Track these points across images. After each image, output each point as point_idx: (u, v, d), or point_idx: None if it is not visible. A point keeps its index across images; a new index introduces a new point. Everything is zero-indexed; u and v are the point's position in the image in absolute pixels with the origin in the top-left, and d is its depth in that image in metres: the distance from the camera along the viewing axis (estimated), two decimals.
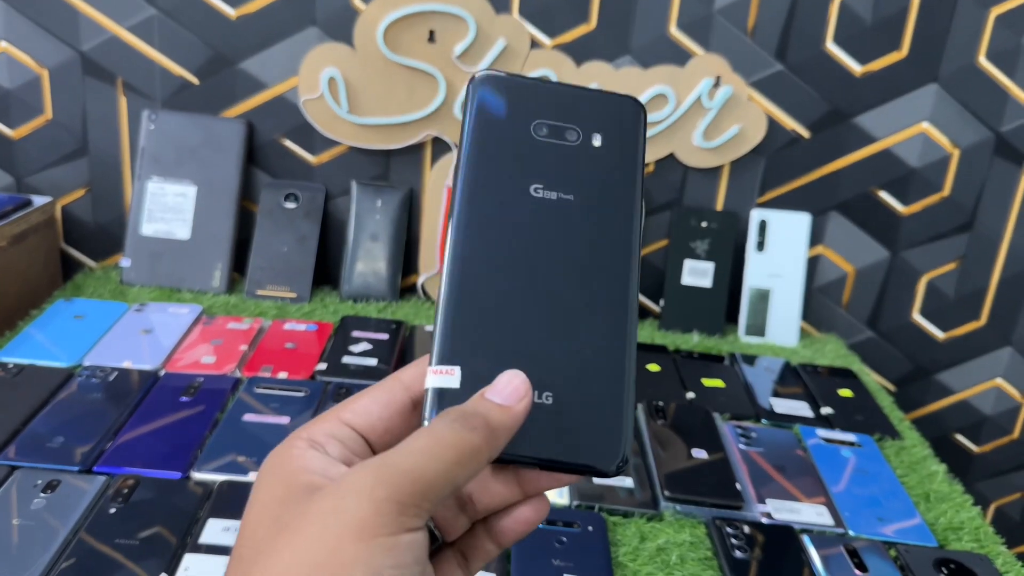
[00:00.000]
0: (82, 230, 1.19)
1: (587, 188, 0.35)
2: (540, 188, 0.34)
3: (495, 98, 0.35)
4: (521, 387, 0.31)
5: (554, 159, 0.35)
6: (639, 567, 0.71)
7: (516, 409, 0.31)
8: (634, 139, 0.36)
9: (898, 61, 1.12)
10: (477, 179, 0.34)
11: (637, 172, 0.36)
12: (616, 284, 0.34)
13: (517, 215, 0.34)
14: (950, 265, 1.21)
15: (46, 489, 0.71)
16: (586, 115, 0.36)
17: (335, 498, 0.27)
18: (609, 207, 0.35)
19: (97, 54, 1.11)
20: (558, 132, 0.35)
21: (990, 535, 0.80)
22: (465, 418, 0.29)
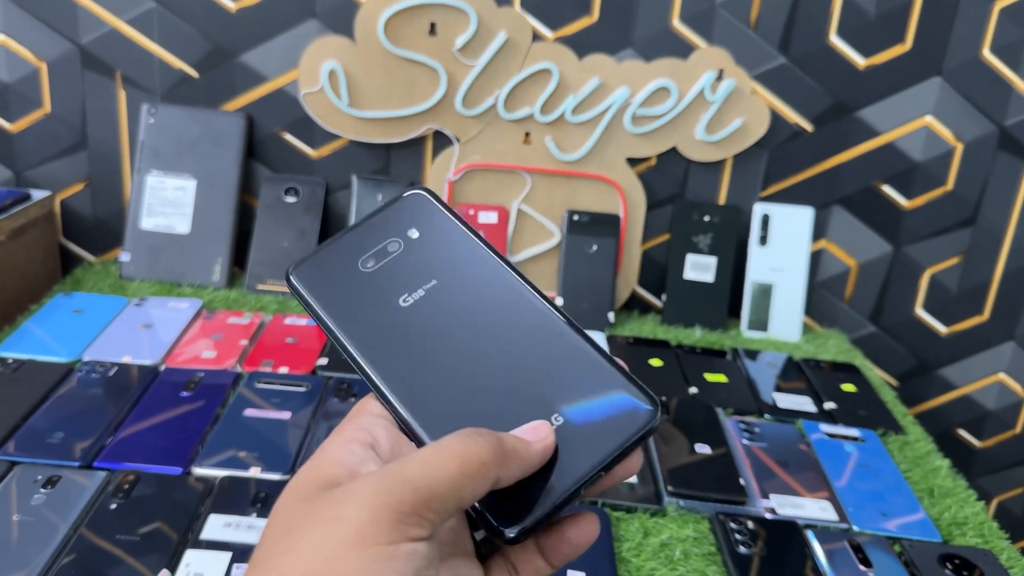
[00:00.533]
0: (81, 224, 1.18)
1: (437, 265, 0.37)
2: (407, 296, 0.37)
3: (317, 277, 0.38)
4: (542, 428, 0.31)
5: (397, 271, 0.37)
6: (642, 562, 0.71)
7: (535, 446, 0.30)
8: (439, 211, 0.39)
9: (902, 54, 1.11)
10: (357, 334, 0.36)
11: (461, 226, 0.38)
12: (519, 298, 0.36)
13: (409, 326, 0.36)
14: (953, 260, 1.21)
15: (46, 485, 0.71)
16: (390, 227, 0.39)
17: (337, 505, 0.26)
18: (465, 260, 0.37)
19: (96, 47, 1.10)
20: (381, 253, 0.38)
21: (994, 530, 0.80)
22: (477, 432, 0.29)
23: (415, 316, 0.36)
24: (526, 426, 0.32)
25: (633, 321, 1.17)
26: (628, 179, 1.15)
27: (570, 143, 1.13)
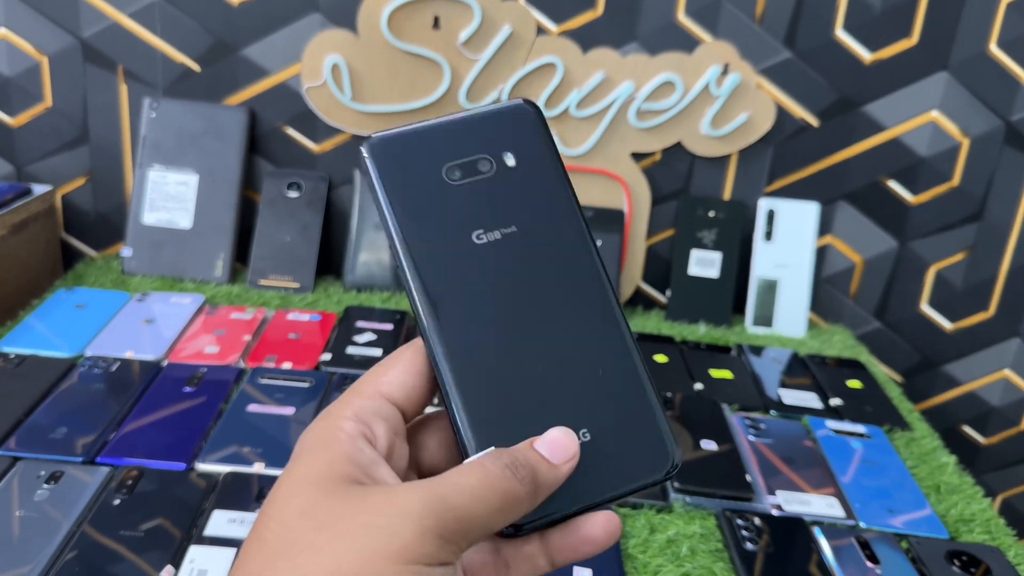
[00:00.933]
0: (83, 219, 1.18)
1: (523, 212, 0.34)
2: (482, 233, 0.33)
3: (394, 162, 0.33)
4: (571, 447, 0.31)
5: (480, 198, 0.33)
6: (649, 559, 0.70)
7: (562, 470, 0.30)
8: (542, 142, 0.35)
9: (908, 49, 1.11)
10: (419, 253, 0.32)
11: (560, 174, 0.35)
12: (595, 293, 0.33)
13: (474, 272, 0.32)
14: (959, 255, 1.20)
15: (49, 480, 0.70)
16: (488, 139, 0.34)
17: (384, 516, 0.27)
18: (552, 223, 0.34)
19: (98, 41, 1.10)
20: (470, 168, 0.34)
21: (1001, 527, 0.80)
22: (516, 467, 0.29)
23: (484, 260, 0.32)
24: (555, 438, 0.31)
25: (637, 317, 1.16)
26: (632, 174, 1.15)
27: (574, 138, 1.12)
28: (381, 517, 0.27)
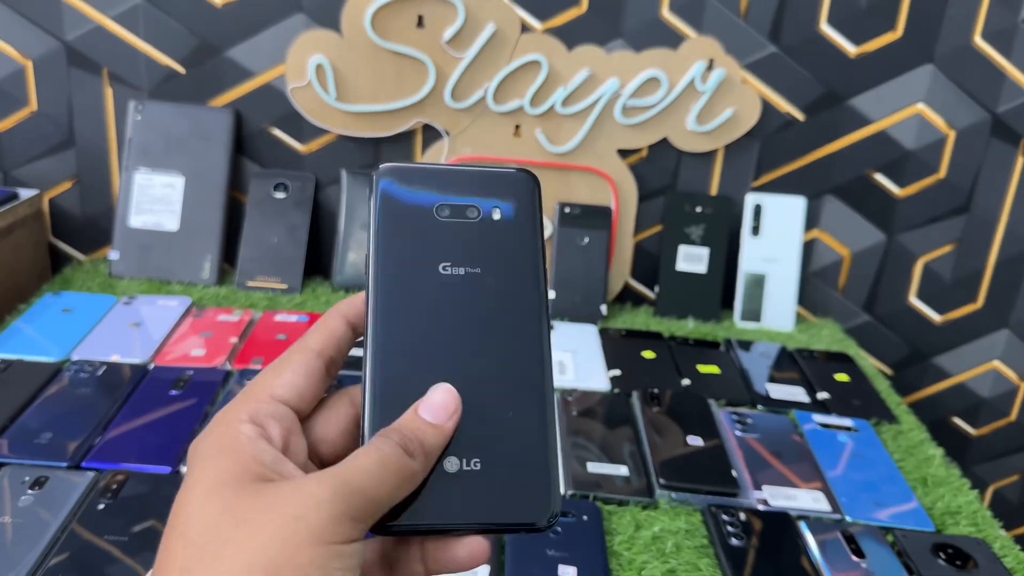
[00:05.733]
0: (70, 223, 1.18)
1: (492, 260, 0.37)
2: (448, 266, 0.36)
3: (398, 188, 0.37)
4: (451, 404, 0.34)
5: (458, 237, 0.37)
6: (634, 555, 0.70)
7: (446, 428, 0.33)
8: (531, 208, 0.38)
9: (893, 42, 1.11)
10: (389, 266, 0.36)
11: (537, 239, 0.38)
12: (529, 345, 0.36)
13: (430, 295, 0.36)
14: (947, 248, 1.20)
15: (34, 486, 0.70)
16: (484, 192, 0.38)
17: (298, 506, 0.29)
18: (514, 275, 0.37)
19: (82, 44, 1.10)
20: (459, 211, 0.37)
21: (988, 519, 0.80)
22: (406, 443, 0.32)
23: (442, 289, 0.36)
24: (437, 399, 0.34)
25: (626, 313, 1.16)
26: (619, 171, 1.15)
27: (560, 135, 1.12)
28: (294, 507, 0.29)
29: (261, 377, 0.35)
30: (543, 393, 0.35)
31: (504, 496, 0.34)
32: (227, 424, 0.33)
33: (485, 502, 0.33)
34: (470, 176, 0.39)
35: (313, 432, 0.35)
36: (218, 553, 0.29)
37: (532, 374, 0.35)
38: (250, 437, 0.32)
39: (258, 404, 0.33)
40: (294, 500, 0.30)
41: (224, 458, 0.31)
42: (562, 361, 0.99)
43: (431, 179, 0.38)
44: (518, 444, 0.34)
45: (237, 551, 0.29)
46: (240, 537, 0.29)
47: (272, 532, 0.29)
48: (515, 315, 0.36)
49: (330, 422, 0.36)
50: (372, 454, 0.32)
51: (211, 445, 0.32)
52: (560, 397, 0.91)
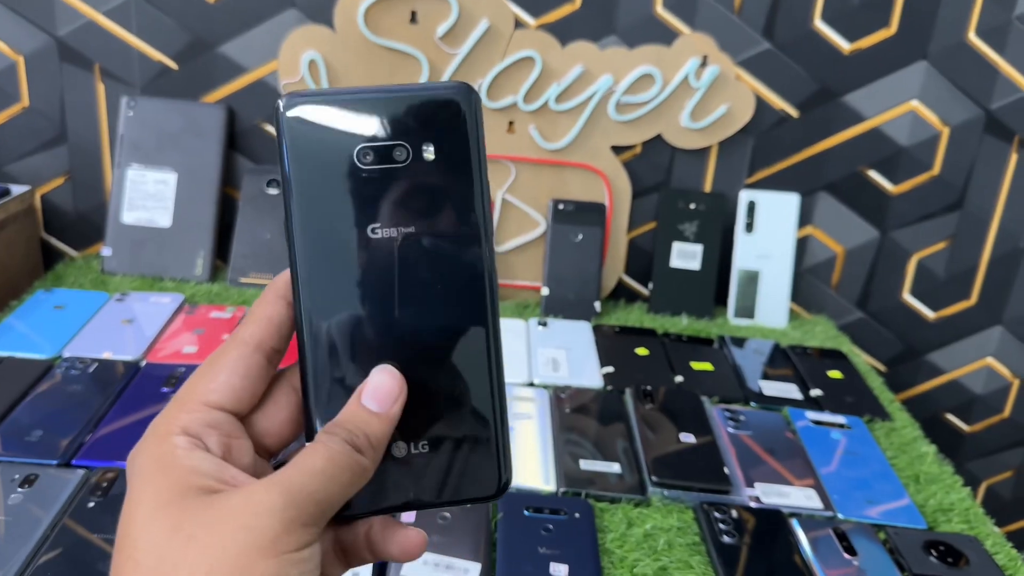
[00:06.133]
0: (62, 219, 1.17)
1: (427, 214, 0.32)
2: (378, 228, 0.32)
3: (309, 128, 0.32)
4: (394, 388, 0.32)
5: (387, 190, 0.32)
6: (626, 553, 0.70)
7: (392, 413, 0.32)
8: (468, 137, 0.32)
9: (887, 38, 1.11)
10: (311, 233, 0.32)
11: (477, 180, 0.33)
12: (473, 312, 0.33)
13: (361, 265, 0.32)
14: (940, 244, 1.20)
15: (23, 484, 0.70)
16: (412, 124, 0.32)
17: (247, 516, 0.28)
18: (453, 231, 0.33)
19: (74, 39, 1.09)
20: (385, 154, 0.32)
21: (980, 516, 0.80)
22: (353, 438, 0.31)
23: (374, 255, 0.32)
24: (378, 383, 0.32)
25: (619, 310, 1.16)
26: (613, 167, 1.14)
27: (554, 132, 1.12)
28: (245, 518, 0.28)
29: (193, 380, 0.32)
30: (489, 361, 0.33)
31: (453, 474, 0.33)
32: (159, 438, 0.31)
33: (434, 482, 0.33)
34: (393, 103, 0.32)
35: (256, 427, 0.33)
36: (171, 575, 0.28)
37: (477, 343, 0.33)
38: (185, 449, 0.30)
39: (191, 414, 0.31)
40: (244, 511, 0.28)
41: (162, 475, 0.30)
42: (555, 358, 0.99)
43: (347, 113, 0.32)
44: (464, 420, 0.33)
45: (190, 571, 0.28)
46: (191, 556, 0.28)
47: (225, 547, 0.28)
48: (457, 278, 0.33)
49: (273, 413, 0.34)
50: (320, 453, 0.30)
51: (147, 461, 0.30)
52: (553, 394, 0.91)
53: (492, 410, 0.33)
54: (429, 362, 0.33)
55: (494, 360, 0.33)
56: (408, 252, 0.32)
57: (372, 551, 0.33)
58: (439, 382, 0.33)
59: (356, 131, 0.32)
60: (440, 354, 0.33)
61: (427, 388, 0.33)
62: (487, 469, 0.33)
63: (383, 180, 0.32)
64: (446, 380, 0.33)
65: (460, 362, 0.33)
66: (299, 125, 0.32)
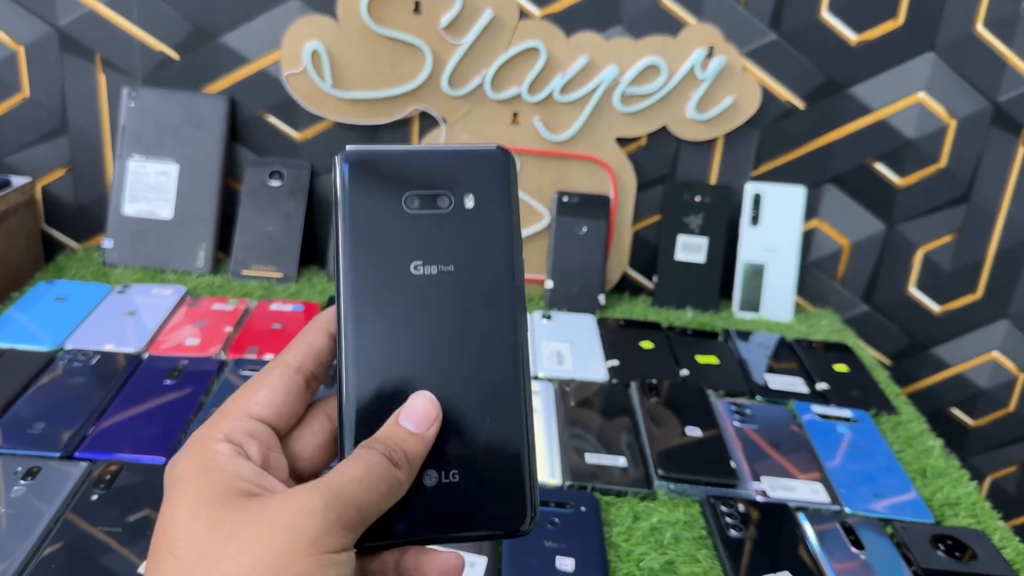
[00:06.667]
0: (63, 210, 1.17)
1: (465, 255, 0.35)
2: (419, 265, 0.35)
3: (363, 177, 0.35)
4: (431, 411, 0.33)
5: (429, 232, 0.35)
6: (632, 547, 0.70)
7: (428, 436, 0.33)
8: (505, 192, 0.36)
9: (894, 30, 1.10)
10: (357, 267, 0.34)
11: (511, 228, 0.36)
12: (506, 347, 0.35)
13: (401, 299, 0.34)
14: (946, 238, 1.20)
15: (26, 476, 0.70)
16: (455, 177, 0.36)
17: (289, 516, 0.29)
18: (488, 270, 0.35)
19: (75, 30, 1.08)
20: (429, 201, 0.35)
21: (987, 510, 0.79)
22: (391, 453, 0.32)
23: (415, 291, 0.35)
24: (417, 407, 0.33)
25: (624, 303, 1.16)
26: (618, 159, 1.14)
27: (559, 123, 1.11)
28: (287, 517, 0.29)
29: (238, 394, 0.34)
30: (520, 396, 0.35)
31: (483, 505, 0.33)
32: (203, 444, 0.32)
33: (463, 513, 0.33)
34: (440, 158, 0.36)
35: (290, 449, 0.35)
36: (212, 568, 0.28)
37: (509, 377, 0.35)
38: (228, 455, 0.31)
39: (234, 423, 0.33)
40: (286, 511, 0.29)
41: (204, 477, 0.30)
42: (560, 351, 0.99)
43: (399, 165, 0.36)
44: (496, 452, 0.34)
45: (231, 565, 0.28)
46: (233, 551, 0.28)
47: (266, 543, 0.28)
48: (491, 315, 0.35)
49: (307, 438, 0.35)
50: (359, 463, 0.31)
51: (189, 465, 0.31)
52: (558, 387, 0.90)
53: (523, 446, 0.34)
54: (463, 394, 0.34)
55: (525, 396, 0.35)
56: (446, 288, 0.35)
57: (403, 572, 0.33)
58: (472, 414, 0.34)
59: (405, 181, 0.35)
60: (474, 386, 0.34)
61: (460, 419, 0.34)
62: (517, 504, 0.34)
63: (426, 223, 0.35)
64: (479, 413, 0.34)
65: (492, 395, 0.34)
66: (355, 174, 0.35)
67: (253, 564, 0.28)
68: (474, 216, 0.35)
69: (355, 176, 0.35)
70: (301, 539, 0.29)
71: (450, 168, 0.36)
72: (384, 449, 0.32)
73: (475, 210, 0.35)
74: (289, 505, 0.29)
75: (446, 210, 0.35)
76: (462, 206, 0.35)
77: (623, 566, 0.68)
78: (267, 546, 0.28)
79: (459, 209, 0.35)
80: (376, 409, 0.33)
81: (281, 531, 0.29)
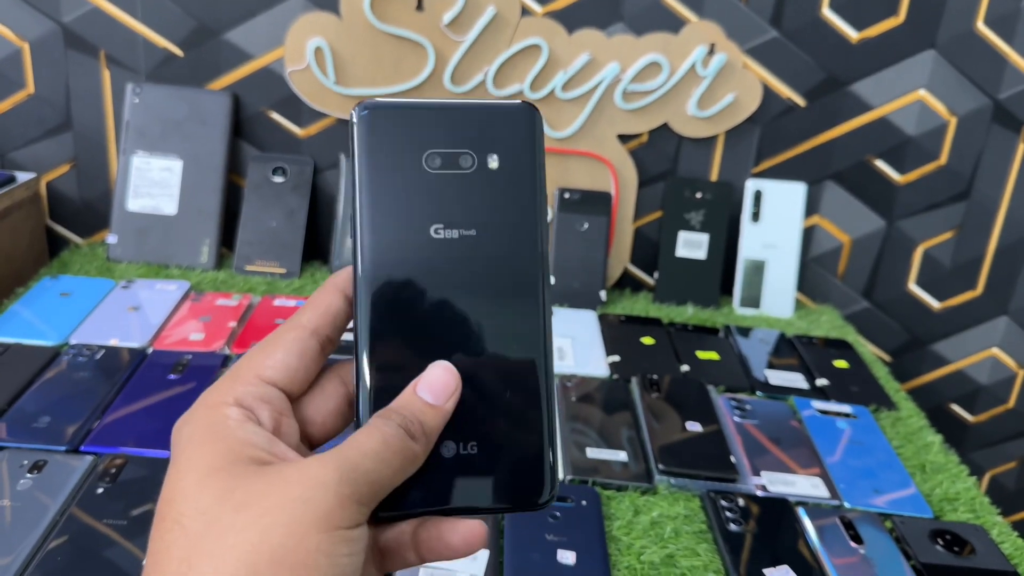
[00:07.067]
0: (67, 206, 1.17)
1: (488, 219, 0.34)
2: (440, 228, 0.33)
3: (381, 133, 0.34)
4: (451, 383, 0.32)
5: (451, 193, 0.34)
6: (633, 540, 0.70)
7: (446, 408, 0.32)
8: (531, 152, 0.34)
9: (895, 27, 1.10)
10: (375, 228, 0.33)
11: (536, 191, 0.34)
12: (528, 318, 0.34)
13: (421, 263, 0.33)
14: (947, 234, 1.20)
15: (32, 469, 0.70)
16: (479, 135, 0.34)
17: (302, 488, 0.28)
18: (512, 235, 0.34)
19: (79, 26, 1.09)
20: (451, 160, 0.34)
21: (986, 506, 0.80)
22: (408, 424, 0.31)
23: (435, 255, 0.33)
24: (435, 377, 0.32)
25: (625, 299, 1.16)
26: (619, 156, 1.14)
27: (560, 120, 1.12)
28: (299, 489, 0.28)
29: (250, 356, 0.33)
30: (543, 368, 0.33)
31: (501, 478, 0.32)
32: (212, 407, 0.31)
33: (481, 485, 0.32)
34: (463, 114, 0.34)
35: (302, 413, 0.34)
36: (219, 540, 0.27)
37: (531, 348, 0.33)
38: (238, 420, 0.30)
39: (246, 386, 0.32)
40: (298, 482, 0.28)
41: (213, 443, 0.29)
42: (561, 347, 0.99)
43: (419, 120, 0.34)
44: (515, 425, 0.33)
45: (240, 538, 0.27)
46: (242, 523, 0.27)
47: (276, 516, 0.27)
48: (514, 283, 0.33)
49: (320, 403, 0.34)
50: (374, 435, 0.30)
51: (197, 429, 0.30)
52: (559, 383, 0.91)
53: (543, 419, 0.33)
54: (483, 363, 0.33)
55: (546, 368, 0.34)
56: (467, 253, 0.33)
57: (422, 550, 0.32)
58: (492, 385, 0.33)
59: (425, 137, 0.34)
60: (494, 356, 0.33)
61: (480, 389, 0.33)
62: (535, 478, 0.33)
63: (448, 184, 0.33)
64: (499, 383, 0.33)
65: (513, 366, 0.33)
66: (371, 129, 0.33)
67: (262, 538, 0.27)
68: (498, 178, 0.34)
69: (372, 130, 0.34)
70: (313, 513, 0.27)
71: (473, 125, 0.34)
72: (401, 420, 0.31)
73: (499, 171, 0.34)
74: (301, 477, 0.28)
75: (469, 170, 0.34)
76: (485, 166, 0.34)
77: (624, 559, 0.68)
78: (277, 519, 0.27)
79: (482, 170, 0.34)
80: (393, 376, 0.32)
81: (292, 504, 0.27)
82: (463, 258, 0.33)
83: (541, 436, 0.33)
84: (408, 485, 0.31)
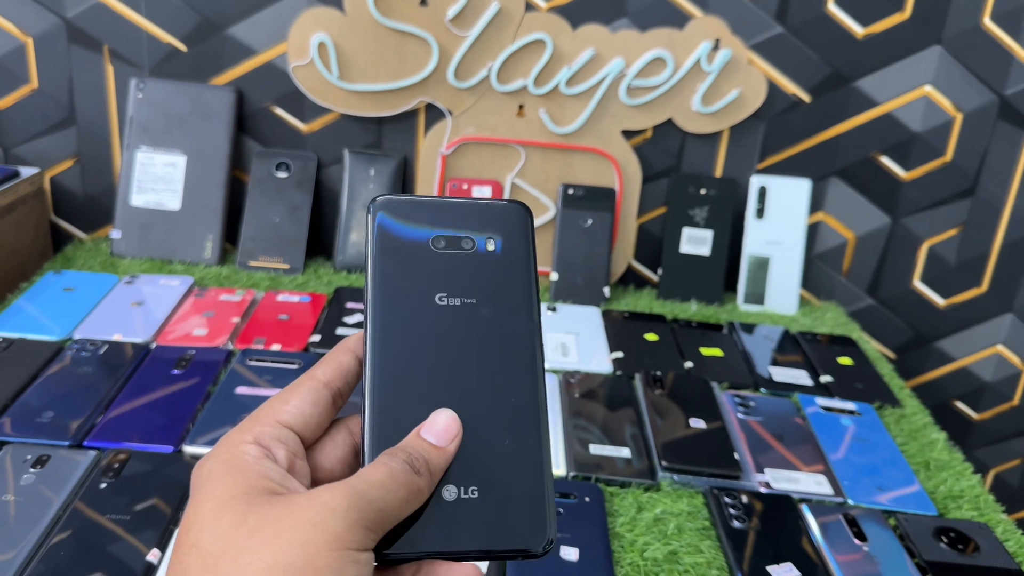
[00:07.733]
0: (71, 201, 1.17)
1: (486, 291, 0.38)
2: (444, 296, 0.37)
3: (394, 221, 0.38)
4: (453, 427, 0.35)
5: (454, 268, 0.38)
6: (636, 537, 0.70)
7: (449, 450, 0.34)
8: (524, 240, 0.39)
9: (901, 23, 1.10)
10: (386, 297, 0.37)
11: (530, 270, 0.39)
12: (523, 374, 0.37)
13: (426, 325, 0.37)
14: (951, 231, 1.20)
15: (36, 464, 0.70)
16: (478, 224, 0.39)
17: (313, 513, 0.30)
18: (508, 305, 0.38)
19: (82, 21, 1.09)
20: (454, 242, 0.38)
21: (990, 503, 0.80)
22: (412, 460, 0.33)
23: (439, 318, 0.37)
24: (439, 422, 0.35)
25: (629, 295, 1.16)
26: (623, 152, 1.14)
27: (564, 115, 1.12)
28: (310, 514, 0.30)
29: (268, 403, 0.36)
30: (538, 420, 0.36)
31: (501, 524, 0.34)
32: (232, 445, 0.33)
33: (482, 529, 0.34)
34: (465, 208, 0.40)
35: (313, 459, 0.36)
36: (235, 561, 0.29)
37: (527, 402, 0.36)
38: (255, 456, 0.33)
39: (264, 427, 0.34)
40: (309, 508, 0.30)
41: (232, 475, 0.32)
42: (565, 343, 0.99)
43: (426, 212, 0.39)
44: (514, 472, 0.35)
45: (255, 557, 0.29)
46: (256, 544, 0.29)
47: (289, 537, 0.29)
48: (510, 344, 0.37)
49: (330, 450, 0.36)
50: (381, 468, 0.32)
51: (217, 464, 0.32)
52: (563, 379, 0.90)
53: (541, 468, 0.35)
54: (483, 415, 0.36)
55: (543, 417, 0.36)
56: (468, 317, 0.37)
57: None
58: (492, 435, 0.35)
59: (432, 224, 0.39)
60: (494, 408, 0.36)
61: (480, 438, 0.35)
62: (535, 524, 0.35)
63: (452, 261, 0.38)
64: (498, 433, 0.36)
65: (512, 418, 0.36)
66: (386, 217, 0.38)
67: (276, 558, 0.29)
68: (494, 258, 0.39)
69: (385, 219, 0.38)
70: (324, 534, 0.29)
71: (474, 216, 0.39)
72: (406, 456, 0.33)
73: (495, 253, 0.39)
74: (312, 503, 0.30)
75: (469, 251, 0.38)
76: (485, 248, 0.39)
77: (627, 556, 0.68)
78: (290, 540, 0.29)
79: (481, 252, 0.39)
80: (399, 424, 0.35)
81: (304, 526, 0.29)
82: (464, 320, 0.37)
83: (541, 486, 0.35)
84: (414, 526, 0.33)
